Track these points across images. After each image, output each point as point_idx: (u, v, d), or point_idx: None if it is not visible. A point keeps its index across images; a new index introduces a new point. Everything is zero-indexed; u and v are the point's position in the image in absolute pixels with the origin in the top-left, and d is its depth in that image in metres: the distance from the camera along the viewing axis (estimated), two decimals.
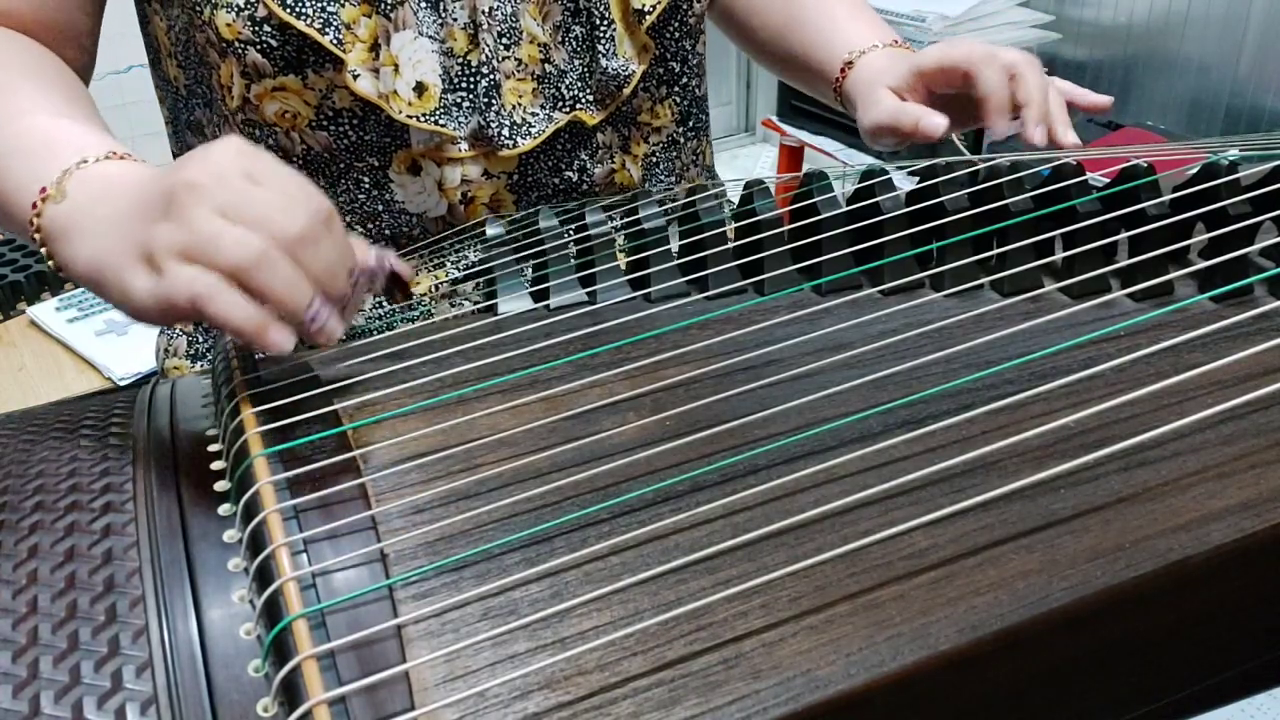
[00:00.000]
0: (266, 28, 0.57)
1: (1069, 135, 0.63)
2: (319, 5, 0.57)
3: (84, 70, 0.65)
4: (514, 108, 0.63)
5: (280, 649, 0.34)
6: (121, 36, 0.70)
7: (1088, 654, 0.38)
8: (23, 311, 1.41)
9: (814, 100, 0.78)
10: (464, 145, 0.63)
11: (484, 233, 0.59)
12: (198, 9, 0.58)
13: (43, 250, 0.50)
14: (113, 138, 0.52)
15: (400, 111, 0.60)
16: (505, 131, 0.63)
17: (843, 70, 0.72)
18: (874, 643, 0.34)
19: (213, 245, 0.42)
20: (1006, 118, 0.63)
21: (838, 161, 2.05)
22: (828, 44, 0.74)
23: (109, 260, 0.45)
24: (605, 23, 0.63)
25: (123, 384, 1.28)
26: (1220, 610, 0.41)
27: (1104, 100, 0.67)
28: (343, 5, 0.57)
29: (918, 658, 0.34)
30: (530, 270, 0.56)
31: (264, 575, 0.36)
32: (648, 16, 0.64)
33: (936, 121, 0.64)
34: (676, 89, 0.70)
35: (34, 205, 0.49)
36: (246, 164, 0.44)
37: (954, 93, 0.66)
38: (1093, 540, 0.37)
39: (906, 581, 0.36)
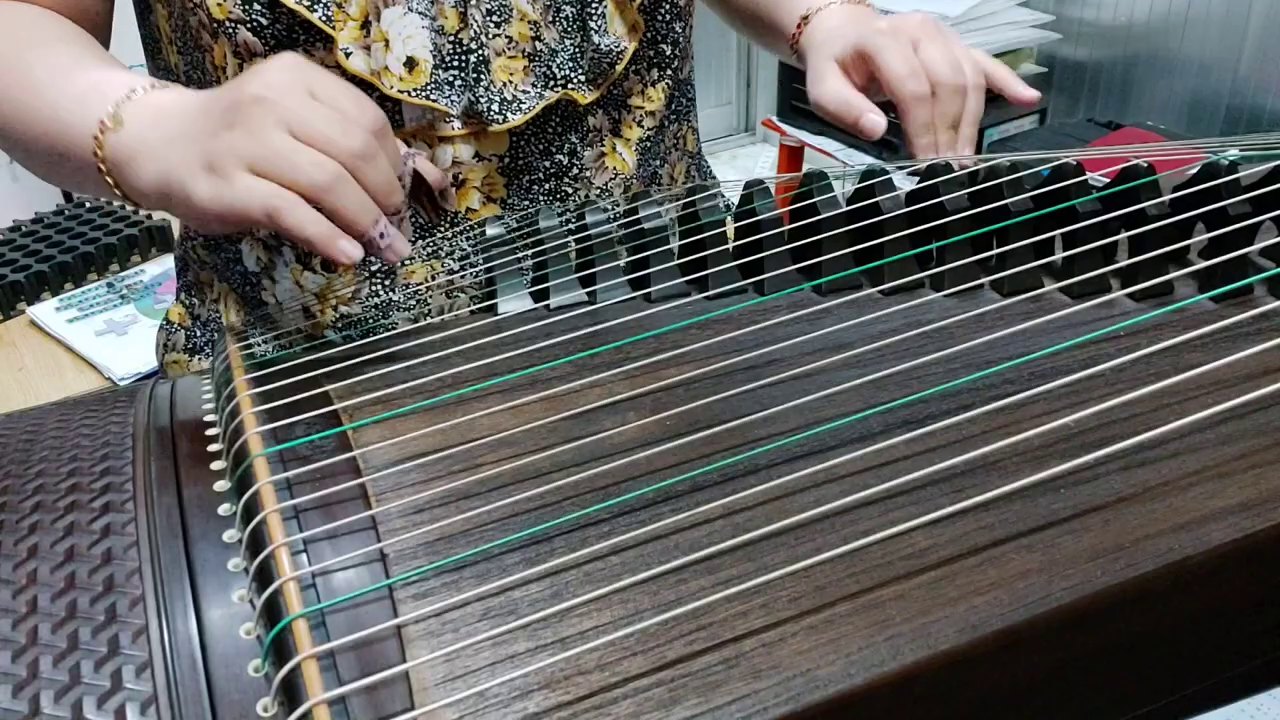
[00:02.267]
0: (256, 5, 0.57)
1: (962, 149, 0.66)
2: None
3: None
4: (504, 85, 0.63)
5: (280, 649, 0.34)
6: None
7: (1088, 654, 0.38)
8: (23, 311, 1.41)
9: None
10: (456, 123, 0.63)
11: (483, 231, 0.59)
12: None
13: (109, 180, 0.53)
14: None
15: (391, 87, 0.60)
16: (495, 107, 0.63)
17: (799, 25, 0.73)
18: (874, 643, 0.34)
19: (288, 164, 0.46)
20: (923, 150, 0.65)
21: (838, 161, 2.05)
22: (787, 3, 0.75)
23: (174, 172, 0.49)
24: (596, 0, 0.63)
25: (122, 384, 1.28)
26: (1220, 610, 0.41)
27: (1029, 95, 0.69)
28: None
29: (918, 658, 0.34)
30: (530, 270, 0.56)
31: (264, 575, 0.36)
32: None
33: (876, 121, 0.66)
34: (669, 71, 0.70)
35: (95, 138, 0.52)
36: (305, 77, 0.48)
37: None
38: (1093, 540, 0.37)
39: (906, 581, 0.36)
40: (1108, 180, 0.54)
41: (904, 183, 0.56)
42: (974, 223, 0.53)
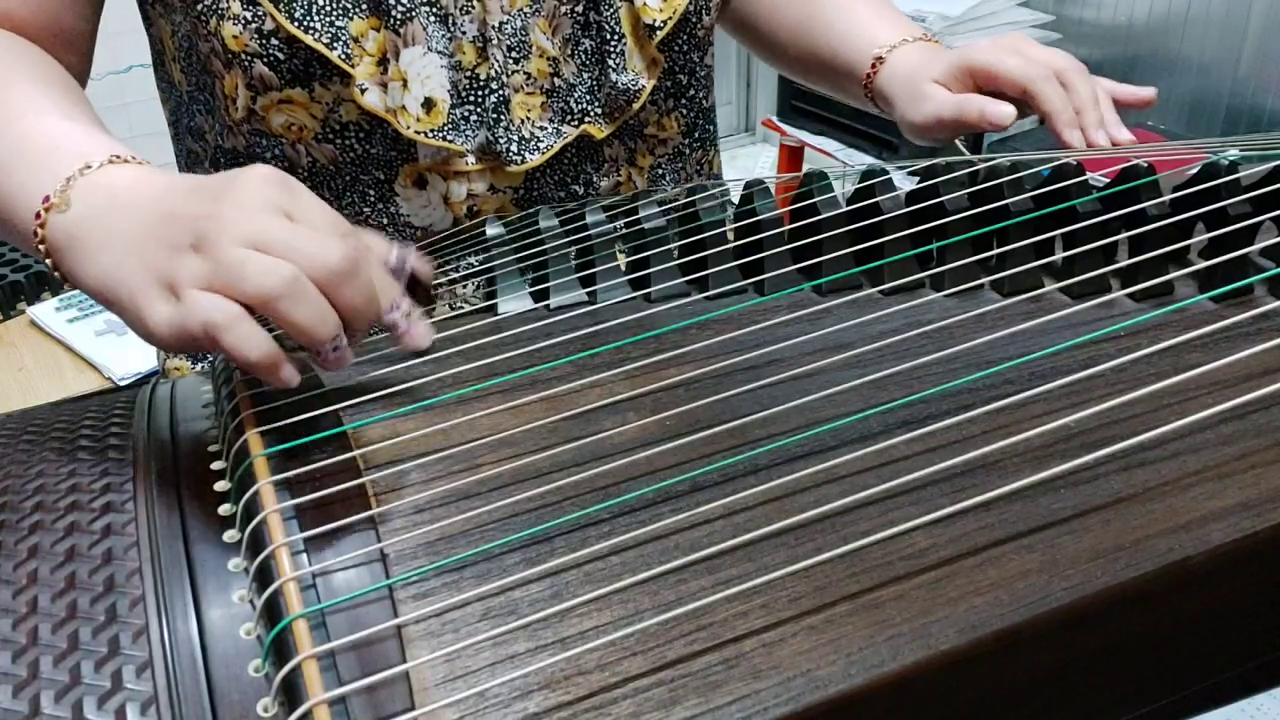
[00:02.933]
0: (274, 40, 0.57)
1: (1123, 132, 0.65)
2: (327, 19, 0.56)
3: (80, 76, 0.64)
4: (523, 122, 0.63)
5: (280, 649, 0.34)
6: (121, 36, 0.70)
7: (1088, 654, 0.38)
8: (23, 311, 1.42)
9: (814, 100, 0.78)
10: (471, 160, 0.62)
11: (483, 234, 0.59)
12: (203, 18, 0.58)
13: (48, 262, 0.48)
14: (114, 140, 0.51)
15: (408, 127, 0.60)
16: (514, 147, 0.62)
17: (873, 66, 0.73)
18: (874, 643, 0.34)
19: (239, 272, 0.40)
20: (1078, 131, 0.64)
21: (838, 161, 2.05)
22: (853, 42, 0.74)
23: (126, 282, 0.44)
24: (615, 37, 0.63)
25: (123, 384, 1.28)
26: (1220, 610, 0.41)
27: (1147, 93, 0.69)
28: (351, 19, 0.57)
29: (918, 658, 0.34)
30: (530, 270, 0.56)
31: (264, 575, 0.36)
32: (658, 31, 0.64)
33: (1005, 110, 0.65)
34: (684, 101, 0.70)
35: (38, 216, 0.47)
36: (276, 196, 0.42)
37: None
38: (1093, 540, 0.37)
39: (906, 581, 0.36)
40: (1108, 180, 0.54)
41: (904, 183, 0.56)
42: (974, 223, 0.53)
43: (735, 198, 0.58)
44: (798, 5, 0.78)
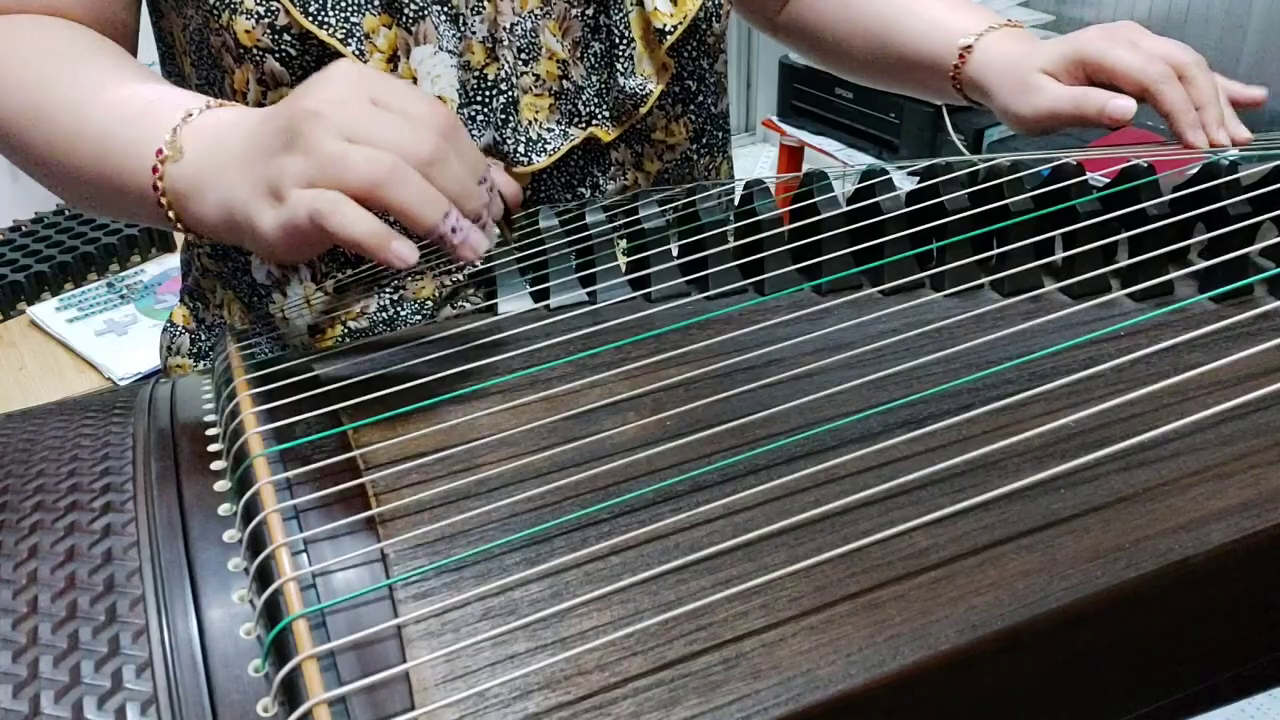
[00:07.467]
0: (287, 36, 0.56)
1: (1241, 130, 0.64)
2: (342, 15, 0.56)
3: None
4: (530, 124, 0.63)
5: (280, 649, 0.34)
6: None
7: (1088, 654, 0.38)
8: (23, 311, 1.42)
9: (814, 100, 0.78)
10: None
11: None
12: (214, 13, 0.57)
13: (171, 214, 0.49)
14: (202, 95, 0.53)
15: None
16: (521, 148, 0.62)
17: (961, 56, 0.72)
18: (874, 643, 0.34)
19: (340, 165, 0.42)
20: (1201, 131, 0.64)
21: (838, 161, 2.05)
22: (935, 34, 0.73)
23: (238, 202, 0.45)
24: (625, 41, 0.63)
25: (123, 384, 1.28)
26: (1220, 610, 0.41)
27: (1258, 93, 0.69)
28: (364, 15, 0.57)
29: (918, 658, 0.34)
30: (530, 270, 0.56)
31: (264, 575, 0.36)
32: (669, 36, 0.63)
33: (1127, 105, 0.64)
34: (692, 107, 0.70)
35: (154, 169, 0.49)
36: (366, 86, 0.44)
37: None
38: (1093, 540, 0.37)
39: (906, 581, 0.36)
40: (1108, 180, 0.54)
41: (904, 183, 0.56)
42: (974, 223, 0.53)
43: (735, 198, 0.58)
44: (867, 5, 0.77)
